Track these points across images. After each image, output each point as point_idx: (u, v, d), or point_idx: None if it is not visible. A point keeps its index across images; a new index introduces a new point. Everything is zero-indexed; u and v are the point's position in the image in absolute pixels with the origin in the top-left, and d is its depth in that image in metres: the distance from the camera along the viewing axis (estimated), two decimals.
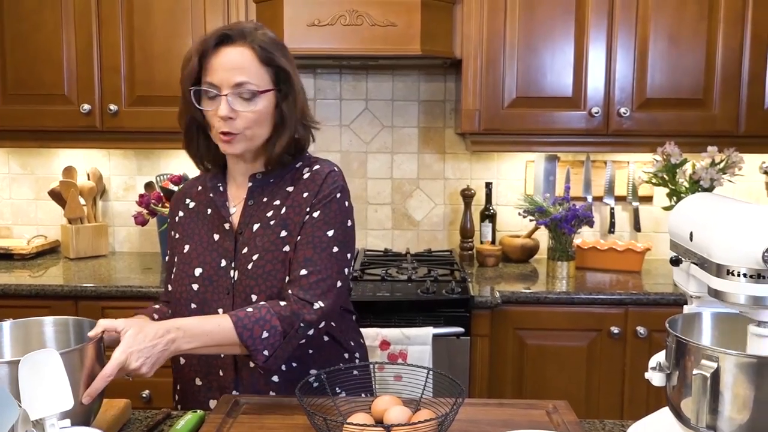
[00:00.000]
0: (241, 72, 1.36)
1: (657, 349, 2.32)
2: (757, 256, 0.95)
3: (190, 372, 1.48)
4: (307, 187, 1.44)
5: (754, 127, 2.50)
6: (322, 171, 1.46)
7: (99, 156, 2.96)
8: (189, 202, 1.55)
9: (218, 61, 1.36)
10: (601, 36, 2.48)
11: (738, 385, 0.94)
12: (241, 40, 1.37)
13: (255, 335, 1.30)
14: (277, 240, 1.41)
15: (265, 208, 1.46)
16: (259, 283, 1.39)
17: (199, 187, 1.56)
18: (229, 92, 1.35)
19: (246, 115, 1.37)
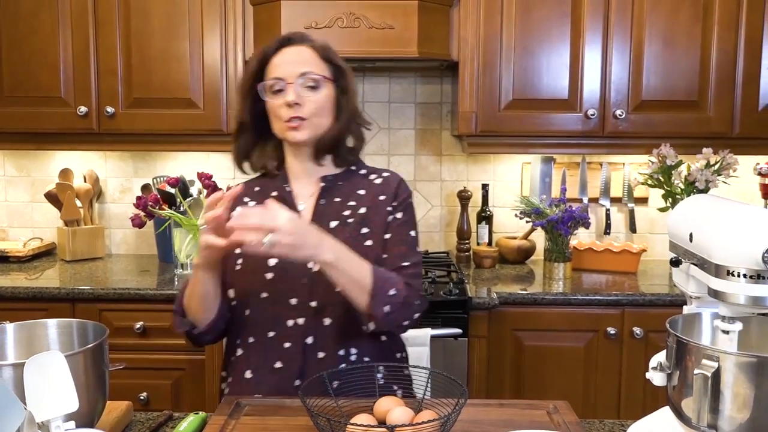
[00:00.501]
0: (304, 64, 1.48)
1: (653, 349, 2.35)
2: (757, 256, 0.96)
3: (243, 364, 1.48)
4: (383, 191, 1.55)
5: (748, 128, 2.52)
6: (395, 178, 1.59)
7: (95, 158, 2.96)
8: (248, 200, 1.58)
9: (282, 59, 1.49)
10: (596, 38, 2.50)
11: (738, 384, 0.95)
12: (300, 42, 1.51)
13: (385, 288, 1.37)
14: (359, 236, 1.48)
15: (339, 208, 1.52)
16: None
17: (256, 188, 1.61)
18: (294, 81, 1.46)
19: (311, 101, 1.47)
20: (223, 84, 2.55)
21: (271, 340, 1.45)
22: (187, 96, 2.55)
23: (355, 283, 1.35)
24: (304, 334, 1.44)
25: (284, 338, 1.45)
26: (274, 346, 1.45)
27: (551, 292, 2.36)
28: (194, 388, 2.38)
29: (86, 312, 2.34)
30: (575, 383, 2.35)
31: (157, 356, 2.38)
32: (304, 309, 1.45)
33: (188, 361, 2.38)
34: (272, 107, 1.49)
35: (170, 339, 2.38)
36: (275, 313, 1.45)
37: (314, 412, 1.12)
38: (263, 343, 1.46)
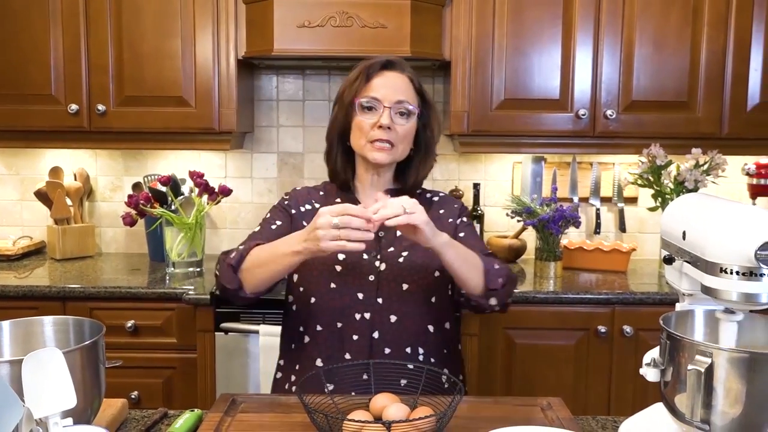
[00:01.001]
0: (401, 92, 1.57)
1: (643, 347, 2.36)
2: (750, 254, 0.98)
3: (314, 351, 1.52)
4: (443, 207, 1.67)
5: (736, 129, 2.55)
6: (452, 198, 1.73)
7: (85, 156, 2.94)
8: (314, 202, 1.67)
9: (382, 81, 1.58)
10: (587, 39, 2.52)
11: (731, 379, 0.97)
12: (400, 69, 1.61)
13: (492, 263, 1.50)
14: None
15: None
16: (411, 274, 1.53)
17: (320, 193, 1.70)
18: (391, 106, 1.54)
19: (402, 129, 1.56)
20: (215, 82, 2.54)
21: (340, 331, 1.50)
22: (178, 94, 2.55)
23: (469, 262, 1.45)
24: (371, 328, 1.50)
25: (352, 330, 1.50)
26: (343, 338, 1.50)
27: (542, 290, 2.38)
28: (186, 386, 2.38)
29: (77, 311, 2.33)
30: (566, 381, 2.37)
31: (149, 355, 2.37)
32: (371, 304, 1.51)
33: (180, 359, 2.37)
34: (359, 123, 1.56)
35: (161, 338, 2.37)
36: (343, 304, 1.51)
37: (311, 408, 1.13)
38: (332, 332, 1.51)
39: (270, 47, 2.41)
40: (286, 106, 2.92)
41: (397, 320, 1.51)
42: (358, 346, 1.49)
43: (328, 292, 1.52)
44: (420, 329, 1.53)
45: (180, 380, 2.38)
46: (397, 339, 1.50)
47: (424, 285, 1.53)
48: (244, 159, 2.94)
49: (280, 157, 2.94)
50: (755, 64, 2.52)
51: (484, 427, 1.16)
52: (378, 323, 1.50)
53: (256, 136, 2.94)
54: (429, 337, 1.54)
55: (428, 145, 1.64)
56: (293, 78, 2.91)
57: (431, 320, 1.55)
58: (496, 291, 1.48)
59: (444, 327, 1.58)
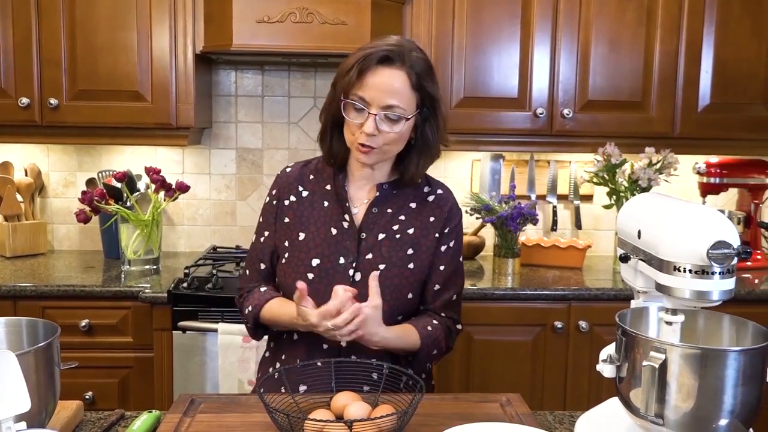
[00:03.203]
0: (393, 96, 1.42)
1: (598, 342, 2.42)
2: (702, 253, 1.01)
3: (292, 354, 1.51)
4: (434, 212, 1.55)
5: (688, 129, 2.62)
6: (448, 198, 1.59)
7: (37, 152, 2.86)
8: (302, 190, 1.57)
9: (374, 81, 1.42)
10: (545, 39, 2.55)
11: (684, 375, 0.99)
12: (399, 63, 1.42)
13: (429, 353, 1.50)
14: (404, 257, 1.50)
15: (390, 220, 1.53)
16: (385, 293, 1.43)
17: (311, 176, 1.59)
18: (378, 112, 1.41)
19: (388, 135, 1.43)
20: (172, 77, 2.50)
21: (314, 337, 1.47)
22: (134, 89, 2.50)
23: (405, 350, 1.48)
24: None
25: (322, 339, 1.45)
26: (316, 345, 1.48)
27: (500, 287, 2.40)
28: (142, 386, 2.34)
29: (29, 310, 2.27)
30: (523, 376, 2.40)
31: (103, 354, 2.33)
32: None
33: (136, 359, 2.33)
34: (347, 121, 1.45)
35: (117, 337, 2.33)
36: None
37: (272, 408, 1.12)
38: (306, 342, 1.50)
39: (228, 42, 2.38)
40: (245, 102, 2.89)
41: None
42: (329, 354, 1.47)
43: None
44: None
45: (136, 380, 2.34)
46: (364, 348, 1.45)
47: (395, 305, 1.48)
48: (201, 155, 2.90)
49: (238, 153, 2.91)
50: (706, 66, 2.59)
51: (445, 423, 1.18)
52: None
53: (214, 132, 2.90)
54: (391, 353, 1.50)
55: (428, 141, 1.50)
56: (252, 73, 2.88)
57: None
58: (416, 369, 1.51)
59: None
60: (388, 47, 1.43)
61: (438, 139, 1.52)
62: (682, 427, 1.01)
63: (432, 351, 1.50)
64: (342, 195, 1.54)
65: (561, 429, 1.28)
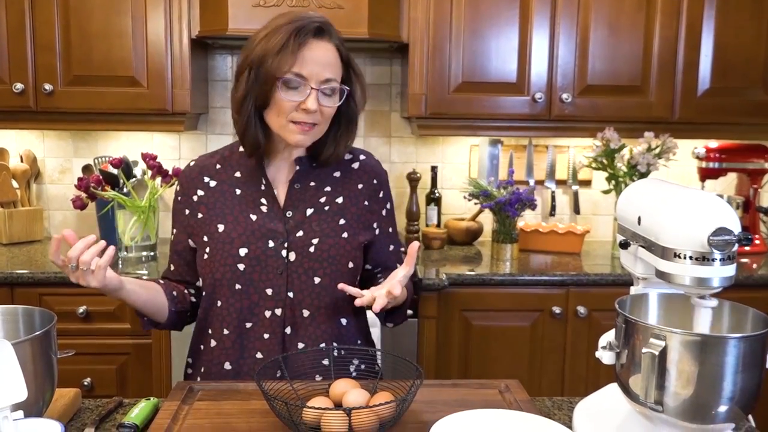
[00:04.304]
0: (329, 69, 1.37)
1: (596, 327, 2.42)
2: (703, 239, 1.00)
3: (221, 355, 1.45)
4: (361, 179, 1.52)
5: (687, 113, 2.61)
6: (372, 163, 1.56)
7: (32, 138, 2.85)
8: (208, 181, 1.49)
9: (311, 55, 1.35)
10: (544, 23, 2.53)
11: (683, 361, 0.99)
12: (328, 35, 1.39)
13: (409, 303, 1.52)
14: (337, 227, 1.46)
15: (315, 193, 1.48)
16: (323, 267, 1.43)
17: (217, 166, 1.51)
18: (318, 87, 1.36)
19: (326, 110, 1.39)
20: (167, 62, 2.48)
21: (249, 331, 1.43)
22: (129, 74, 2.48)
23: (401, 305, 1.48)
24: (283, 325, 1.42)
25: (262, 329, 1.42)
26: (253, 337, 1.43)
27: (499, 272, 2.40)
28: (140, 372, 2.34)
29: (26, 297, 2.27)
30: (521, 362, 2.41)
31: (101, 341, 2.33)
32: (281, 299, 1.42)
33: (134, 345, 2.33)
34: (280, 102, 1.35)
35: (114, 323, 2.33)
36: (251, 303, 1.43)
37: (270, 395, 1.12)
38: (240, 334, 1.43)
39: (224, 26, 2.36)
40: None
41: (310, 315, 1.43)
42: (269, 344, 1.42)
43: (234, 294, 1.42)
44: (333, 324, 1.46)
45: (134, 366, 2.34)
46: (311, 334, 1.43)
47: (336, 277, 1.43)
48: (198, 140, 2.89)
49: (235, 139, 2.88)
50: (706, 51, 2.57)
51: (444, 410, 1.17)
52: (290, 318, 1.42)
53: (211, 117, 2.88)
54: (342, 330, 1.47)
55: (350, 118, 1.45)
56: None
57: (345, 313, 1.48)
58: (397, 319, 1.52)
59: (358, 320, 1.53)
60: (318, 20, 1.38)
61: (357, 114, 1.47)
62: (681, 414, 1.00)
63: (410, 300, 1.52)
64: (256, 178, 1.47)
65: (560, 415, 1.28)
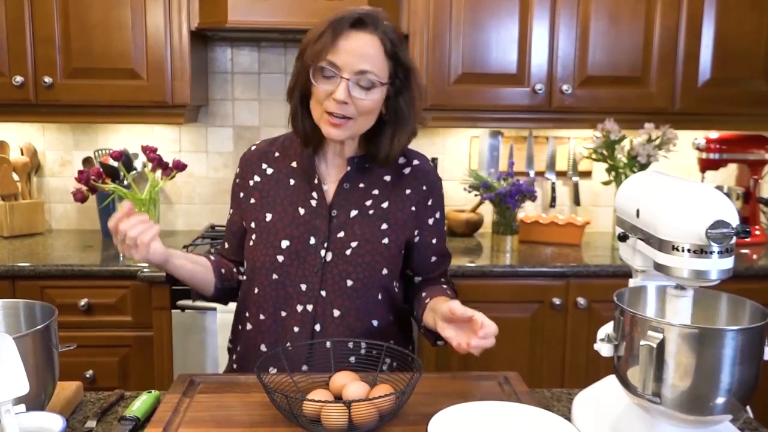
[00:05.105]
0: (366, 60, 1.34)
1: (596, 319, 2.43)
2: (701, 232, 1.00)
3: (257, 337, 1.48)
4: (410, 185, 1.50)
5: (688, 104, 2.60)
6: (425, 168, 1.53)
7: (32, 130, 2.85)
8: (266, 168, 1.51)
9: (347, 44, 1.34)
10: (544, 14, 2.52)
11: (681, 354, 0.99)
12: (372, 28, 1.36)
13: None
14: (378, 232, 1.45)
15: (363, 195, 1.48)
16: (357, 271, 1.43)
17: (276, 153, 1.53)
18: (350, 77, 1.34)
19: (361, 103, 1.36)
20: (167, 54, 2.47)
21: (283, 320, 1.45)
22: (129, 66, 2.47)
23: None
24: (313, 321, 1.44)
25: (293, 322, 1.44)
26: (285, 328, 1.45)
27: (499, 264, 2.41)
28: (142, 365, 2.35)
29: (27, 290, 2.27)
30: (521, 353, 2.41)
31: (103, 333, 2.33)
32: (313, 296, 1.44)
33: (135, 338, 2.34)
34: (315, 91, 1.36)
35: (116, 316, 2.33)
36: (285, 295, 1.45)
37: (271, 388, 1.12)
38: (275, 321, 1.46)
39: (224, 18, 2.35)
40: (241, 79, 2.87)
41: (340, 315, 1.44)
42: (298, 338, 1.43)
43: (270, 283, 1.45)
44: (364, 325, 1.46)
45: (136, 358, 2.35)
46: (339, 334, 1.43)
47: (369, 282, 1.44)
48: (198, 133, 2.89)
49: (235, 131, 2.89)
50: (706, 41, 2.56)
51: (443, 403, 1.18)
52: (320, 316, 1.43)
53: (211, 110, 2.88)
54: (373, 331, 1.47)
55: (401, 115, 1.41)
56: (248, 50, 2.85)
57: (376, 316, 1.47)
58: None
59: (389, 320, 1.51)
60: (361, 12, 1.37)
61: (413, 113, 1.43)
62: (679, 406, 1.01)
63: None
64: (310, 172, 1.48)
65: (558, 407, 1.29)
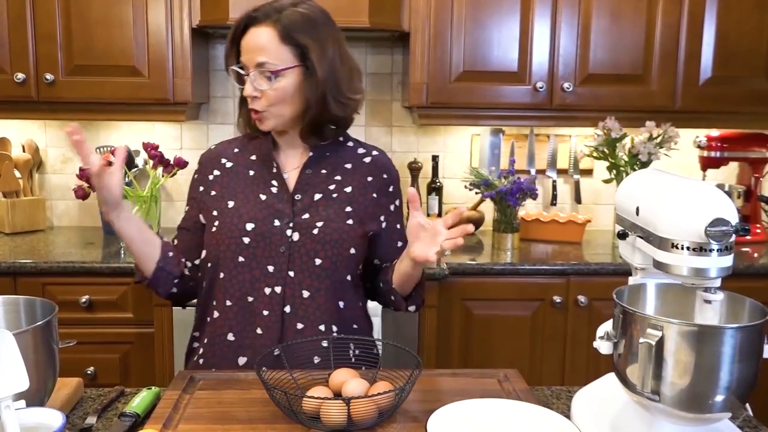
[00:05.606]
0: (261, 52, 1.40)
1: (597, 317, 2.43)
2: (700, 230, 1.00)
3: (224, 326, 1.47)
4: (371, 172, 1.55)
5: (689, 102, 2.60)
6: (384, 160, 1.58)
7: (34, 127, 2.85)
8: (225, 162, 1.56)
9: (245, 43, 1.43)
10: (545, 12, 2.52)
11: (680, 351, 0.99)
12: (266, 20, 1.41)
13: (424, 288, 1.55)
14: (343, 213, 1.49)
15: (325, 180, 1.51)
16: (326, 249, 1.45)
17: (235, 149, 1.58)
18: (252, 72, 1.41)
19: (268, 94, 1.42)
20: (168, 51, 2.48)
21: (250, 305, 1.46)
22: (131, 63, 2.48)
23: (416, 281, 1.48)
24: (282, 303, 1.45)
25: (262, 305, 1.45)
26: (254, 312, 1.45)
27: (499, 262, 2.41)
28: (143, 361, 2.35)
29: (29, 286, 2.28)
30: (522, 351, 2.42)
31: (104, 330, 2.34)
32: (282, 278, 1.45)
33: (136, 334, 2.35)
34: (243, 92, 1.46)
35: (117, 312, 2.34)
36: (252, 278, 1.45)
37: (270, 385, 1.13)
38: (242, 307, 1.46)
39: (225, 16, 2.35)
40: None
41: (310, 296, 1.45)
42: (268, 321, 1.44)
43: (237, 266, 1.45)
44: (332, 305, 1.47)
45: (137, 355, 2.36)
46: (310, 315, 1.45)
47: (337, 261, 1.46)
48: (199, 130, 2.89)
49: (236, 129, 2.88)
50: (708, 39, 2.56)
51: (442, 400, 1.18)
52: (290, 297, 1.44)
53: (212, 107, 2.88)
54: (341, 314, 1.49)
55: (316, 93, 1.43)
56: None
57: (343, 296, 1.49)
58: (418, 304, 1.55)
59: (357, 304, 1.54)
60: (256, 10, 1.43)
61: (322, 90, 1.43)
62: (678, 404, 1.01)
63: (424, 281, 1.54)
64: (268, 162, 1.52)
65: (558, 404, 1.29)
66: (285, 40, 1.41)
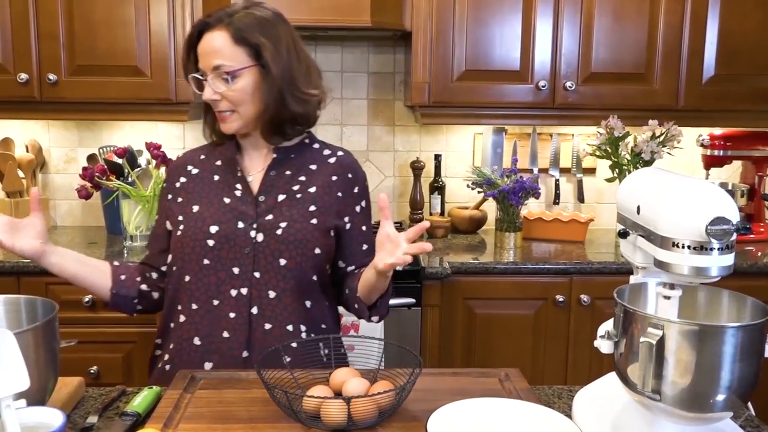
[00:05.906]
0: (215, 55, 1.43)
1: (599, 316, 2.42)
2: (701, 229, 1.00)
3: (190, 330, 1.47)
4: (336, 172, 1.55)
5: (692, 101, 2.59)
6: (349, 160, 1.60)
7: (37, 127, 2.86)
8: (191, 169, 1.58)
9: (200, 48, 1.46)
10: (548, 10, 2.52)
11: (681, 351, 0.99)
12: (218, 24, 1.44)
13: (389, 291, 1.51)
14: (306, 213, 1.49)
15: (289, 181, 1.53)
16: (290, 249, 1.46)
17: (201, 156, 1.60)
18: (210, 76, 1.44)
19: (228, 95, 1.45)
20: (171, 51, 2.48)
21: (216, 308, 1.46)
22: (133, 63, 2.48)
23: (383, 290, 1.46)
24: (249, 305, 1.45)
25: (228, 308, 1.45)
26: (220, 315, 1.46)
27: (502, 261, 2.40)
28: (146, 361, 2.34)
29: (32, 286, 2.28)
30: (525, 350, 2.41)
31: (107, 330, 2.34)
32: (247, 279, 1.45)
33: (139, 333, 2.35)
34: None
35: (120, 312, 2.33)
36: (218, 280, 1.46)
37: (271, 384, 1.13)
38: (208, 311, 1.46)
39: None
40: None
41: (276, 296, 1.45)
42: (235, 323, 1.44)
43: (201, 269, 1.46)
44: (299, 305, 1.48)
45: (140, 355, 2.36)
46: (278, 315, 1.45)
47: (302, 261, 1.47)
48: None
49: None
50: (711, 37, 2.55)
51: (443, 399, 1.18)
52: (256, 298, 1.45)
53: None
54: (308, 314, 1.49)
55: (277, 91, 1.45)
56: None
57: (310, 296, 1.50)
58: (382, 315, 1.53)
59: (324, 304, 1.54)
60: (209, 16, 1.46)
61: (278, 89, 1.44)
62: (679, 403, 1.01)
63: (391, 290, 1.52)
64: (232, 166, 1.54)
65: (559, 404, 1.29)
66: (238, 41, 1.43)
